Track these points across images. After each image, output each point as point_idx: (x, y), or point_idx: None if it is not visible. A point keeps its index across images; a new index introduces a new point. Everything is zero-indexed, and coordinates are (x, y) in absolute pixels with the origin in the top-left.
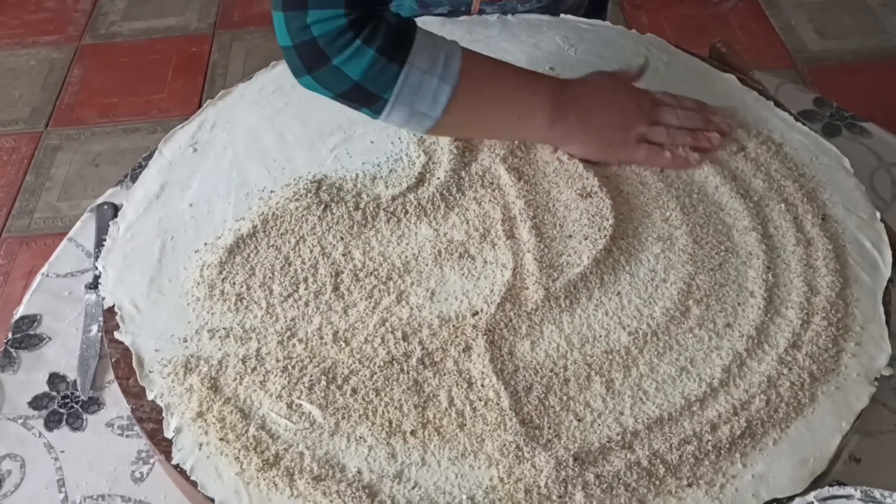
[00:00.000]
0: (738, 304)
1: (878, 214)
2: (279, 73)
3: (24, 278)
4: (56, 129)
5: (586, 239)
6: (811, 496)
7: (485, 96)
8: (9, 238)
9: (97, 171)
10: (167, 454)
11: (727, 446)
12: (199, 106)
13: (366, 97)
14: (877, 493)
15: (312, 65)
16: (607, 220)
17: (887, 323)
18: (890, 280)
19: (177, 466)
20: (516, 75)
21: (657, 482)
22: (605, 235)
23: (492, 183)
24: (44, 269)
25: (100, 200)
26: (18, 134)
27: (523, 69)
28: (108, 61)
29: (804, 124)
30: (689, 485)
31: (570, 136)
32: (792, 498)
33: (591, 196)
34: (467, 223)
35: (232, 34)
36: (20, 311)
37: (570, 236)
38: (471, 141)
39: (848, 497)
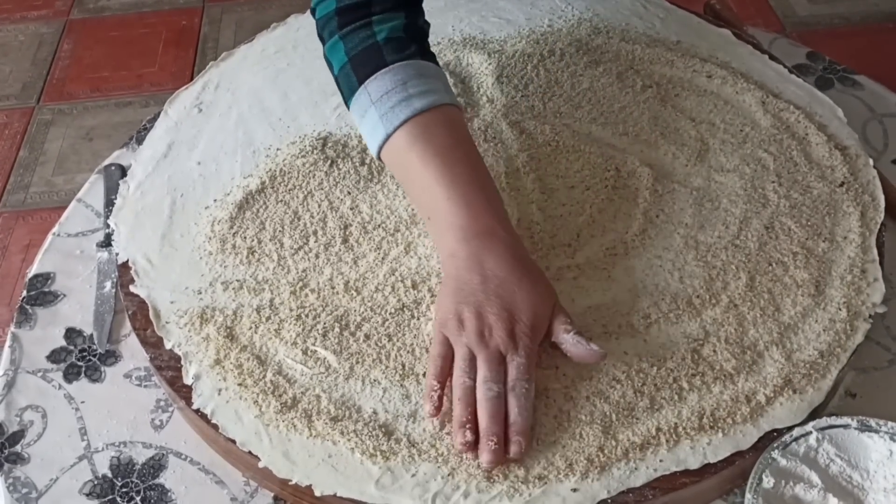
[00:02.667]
0: (735, 244)
1: (870, 161)
2: (280, 35)
3: (21, 252)
4: (48, 104)
5: (588, 189)
6: (810, 426)
7: (411, 171)
8: (5, 213)
9: (91, 146)
10: (187, 400)
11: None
12: (191, 79)
13: (340, 91)
14: (872, 422)
15: (320, 40)
16: (608, 170)
17: (881, 263)
18: (882, 224)
19: (197, 411)
20: (460, 170)
21: (657, 412)
22: (608, 185)
23: (494, 137)
24: (55, 230)
25: (107, 162)
26: (10, 109)
27: (482, 170)
28: (98, 36)
29: (798, 76)
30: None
31: (451, 265)
32: (791, 428)
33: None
34: None
35: (222, 7)
36: (33, 270)
37: (573, 187)
38: (472, 96)
39: (845, 426)
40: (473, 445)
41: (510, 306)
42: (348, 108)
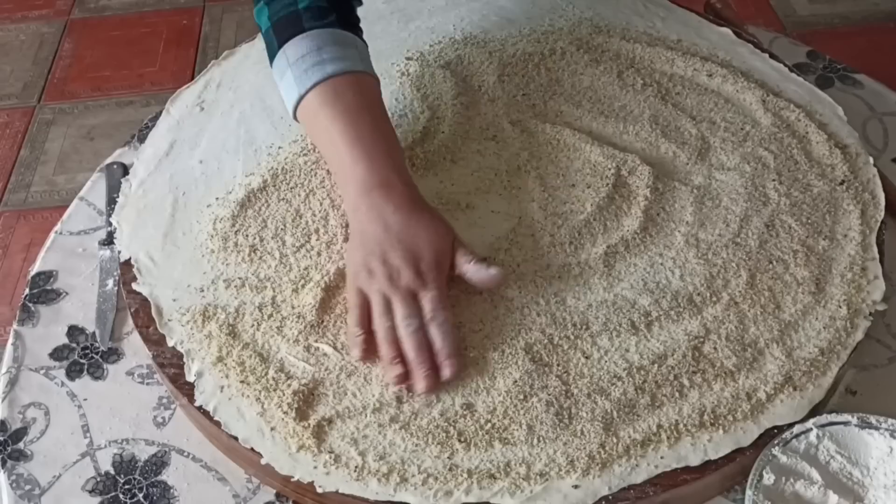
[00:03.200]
0: (736, 242)
1: (871, 160)
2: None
3: (23, 251)
4: (49, 103)
5: (589, 188)
6: (810, 423)
7: (321, 128)
8: (6, 212)
9: (92, 145)
10: (190, 397)
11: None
12: (192, 78)
13: (267, 53)
14: (872, 419)
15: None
16: (609, 169)
17: (881, 261)
18: (882, 222)
19: (200, 408)
20: (365, 130)
21: (657, 409)
22: (608, 184)
23: (495, 136)
24: (57, 228)
25: (108, 160)
26: (11, 109)
27: (387, 131)
28: (99, 35)
29: (798, 75)
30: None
31: (354, 218)
32: (792, 425)
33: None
34: (472, 175)
35: (222, 7)
36: (36, 268)
37: (574, 185)
38: (473, 95)
39: (845, 423)
40: (405, 377)
41: (413, 248)
42: (272, 65)
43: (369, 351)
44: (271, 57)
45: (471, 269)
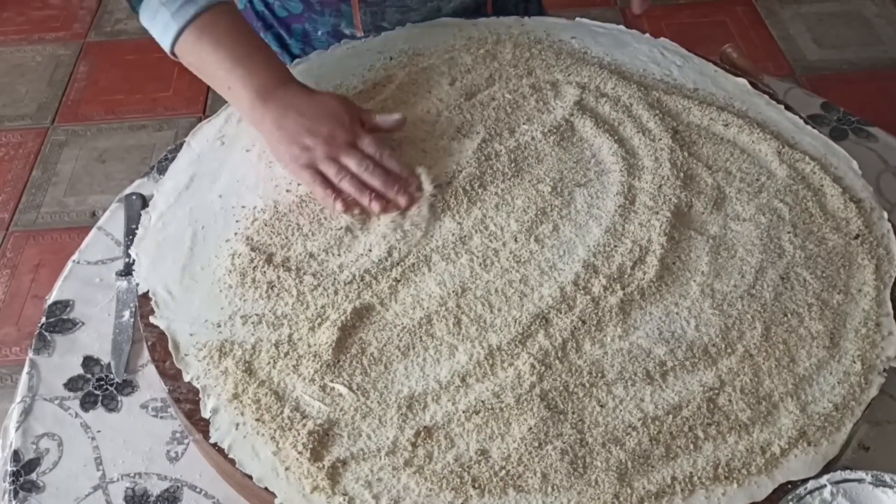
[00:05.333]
0: (751, 293)
1: (885, 215)
2: (303, 71)
3: (31, 272)
4: (62, 125)
5: (606, 232)
6: (824, 479)
7: (205, 55)
8: (16, 232)
9: (103, 168)
10: (205, 433)
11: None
12: (206, 104)
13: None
14: (887, 478)
15: None
16: (625, 216)
17: (895, 317)
18: None
19: (215, 445)
20: (247, 49)
21: (672, 461)
22: (622, 231)
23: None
24: (75, 257)
25: (128, 191)
26: (25, 129)
27: (266, 48)
28: (114, 59)
29: (813, 127)
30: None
31: (262, 124)
32: (806, 480)
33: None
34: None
35: None
36: (53, 297)
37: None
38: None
39: (860, 480)
40: (385, 206)
41: (331, 115)
42: (137, 16)
43: (346, 203)
44: (136, 3)
45: (379, 119)
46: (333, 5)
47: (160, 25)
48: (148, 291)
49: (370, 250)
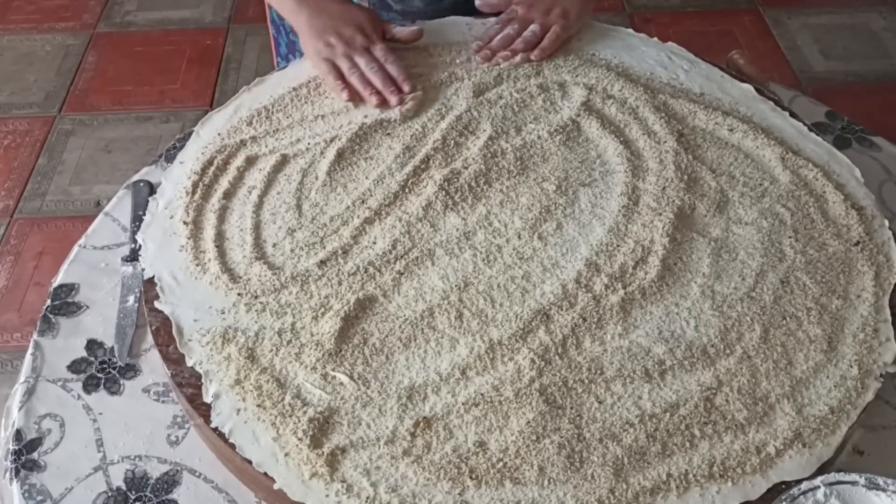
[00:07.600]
0: (751, 296)
1: (886, 223)
2: (313, 65)
3: (34, 259)
4: (69, 114)
5: (609, 232)
6: (818, 480)
7: None
8: (20, 219)
9: (109, 158)
10: (206, 418)
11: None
12: (213, 98)
13: None
14: (880, 481)
15: None
16: (627, 216)
17: (894, 324)
18: None
19: (215, 430)
20: None
21: (668, 458)
22: (626, 231)
23: (515, 188)
24: (81, 241)
25: (135, 178)
26: (32, 117)
27: None
28: (123, 50)
29: (817, 135)
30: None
31: (298, 21)
32: (800, 481)
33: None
34: (517, 211)
35: (247, 28)
36: (58, 280)
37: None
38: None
39: (853, 483)
40: (382, 102)
41: (356, 22)
42: None
43: (352, 94)
44: None
45: (399, 32)
46: None
47: None
48: (154, 277)
49: (375, 243)
